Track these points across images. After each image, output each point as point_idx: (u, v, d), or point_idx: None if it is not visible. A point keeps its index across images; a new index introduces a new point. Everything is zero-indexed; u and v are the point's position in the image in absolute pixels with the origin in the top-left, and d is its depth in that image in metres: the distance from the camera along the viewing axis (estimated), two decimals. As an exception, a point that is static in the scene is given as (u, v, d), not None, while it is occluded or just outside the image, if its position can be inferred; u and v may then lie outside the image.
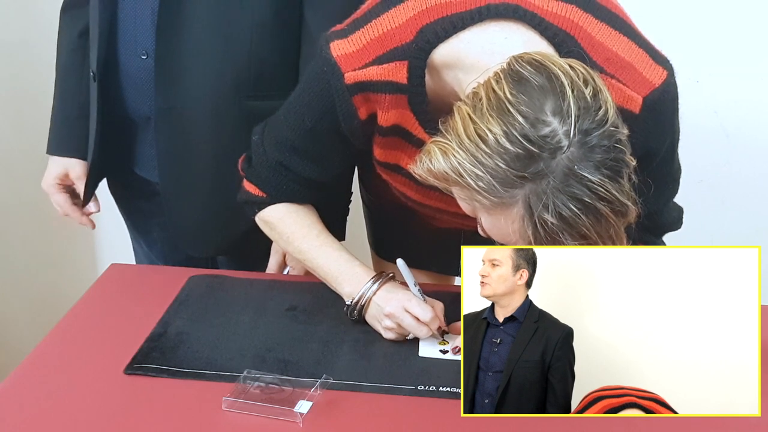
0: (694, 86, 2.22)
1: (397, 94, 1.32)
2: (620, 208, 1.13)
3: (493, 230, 1.20)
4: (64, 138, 1.81)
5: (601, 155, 1.10)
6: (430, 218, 1.60)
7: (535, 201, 1.11)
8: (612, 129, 1.12)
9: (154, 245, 1.93)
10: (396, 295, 1.40)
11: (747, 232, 2.40)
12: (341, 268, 1.46)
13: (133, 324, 1.45)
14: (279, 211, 1.51)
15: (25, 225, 2.68)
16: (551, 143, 1.09)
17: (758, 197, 2.44)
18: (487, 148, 1.11)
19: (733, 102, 2.34)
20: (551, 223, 1.11)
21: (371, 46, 1.32)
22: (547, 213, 1.11)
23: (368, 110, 1.35)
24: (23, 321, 2.73)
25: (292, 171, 1.46)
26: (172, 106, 1.64)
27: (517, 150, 1.10)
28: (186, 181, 1.71)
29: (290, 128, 1.44)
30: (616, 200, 1.12)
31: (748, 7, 2.27)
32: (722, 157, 2.40)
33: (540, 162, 1.10)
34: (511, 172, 1.10)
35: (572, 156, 1.10)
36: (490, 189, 1.12)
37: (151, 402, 1.27)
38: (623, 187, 1.13)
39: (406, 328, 1.39)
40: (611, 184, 1.11)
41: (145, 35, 1.63)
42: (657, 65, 1.30)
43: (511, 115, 1.10)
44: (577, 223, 1.11)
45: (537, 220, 1.12)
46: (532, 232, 1.13)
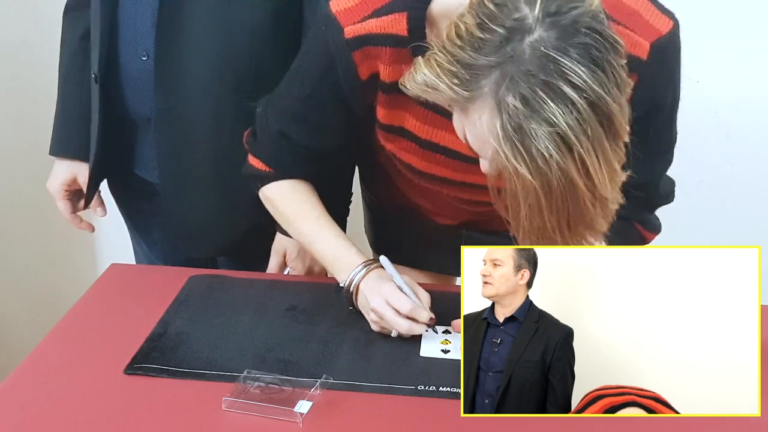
0: (694, 86, 2.22)
1: (398, 48, 1.31)
2: (596, 103, 1.06)
3: (474, 140, 1.16)
4: (66, 139, 1.82)
5: (578, 41, 1.06)
6: (433, 209, 1.59)
7: (499, 85, 1.07)
8: (591, 18, 1.07)
9: (154, 246, 1.93)
10: (381, 287, 1.39)
11: (747, 232, 2.40)
12: (338, 253, 1.46)
13: (133, 324, 1.45)
14: (281, 189, 1.51)
15: (25, 225, 2.68)
16: (521, 26, 1.07)
17: (758, 197, 2.44)
18: (460, 41, 1.10)
19: (733, 102, 2.35)
20: (514, 108, 1.06)
21: (370, 0, 1.31)
22: (509, 95, 1.06)
23: (369, 69, 1.35)
24: (23, 321, 2.73)
25: (292, 141, 1.46)
26: (172, 107, 1.64)
27: (487, 36, 1.08)
28: (186, 181, 1.71)
29: (291, 96, 1.44)
30: (590, 90, 1.05)
31: (748, 7, 2.27)
32: (722, 157, 2.40)
33: (509, 46, 1.07)
34: (481, 60, 1.08)
35: (541, 38, 1.06)
36: (460, 82, 1.10)
37: (151, 402, 1.27)
38: (604, 80, 1.06)
39: (388, 322, 1.38)
40: (586, 72, 1.05)
41: (145, 36, 1.63)
42: (663, 14, 1.29)
43: (483, 5, 1.10)
44: (543, 108, 1.05)
45: (501, 106, 1.07)
46: (499, 123, 1.08)
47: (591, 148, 1.07)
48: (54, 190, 1.83)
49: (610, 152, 1.08)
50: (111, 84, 1.69)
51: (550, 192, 1.09)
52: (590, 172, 1.08)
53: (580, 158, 1.07)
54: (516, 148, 1.07)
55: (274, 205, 1.53)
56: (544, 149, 1.06)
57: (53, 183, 1.83)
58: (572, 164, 1.07)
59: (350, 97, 1.38)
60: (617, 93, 1.08)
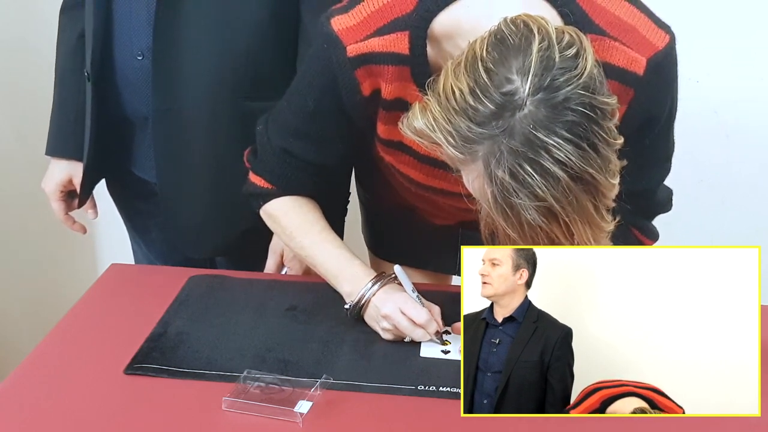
0: (694, 86, 2.23)
1: (399, 66, 1.32)
2: (581, 176, 1.09)
3: (470, 187, 1.19)
4: (63, 140, 1.81)
5: (567, 118, 1.08)
6: (430, 211, 1.59)
7: (490, 158, 1.10)
8: (583, 91, 1.09)
9: (152, 245, 1.93)
10: (393, 296, 1.40)
11: (747, 232, 2.40)
12: (341, 266, 1.46)
13: (133, 324, 1.45)
14: (283, 205, 1.51)
15: (25, 225, 2.68)
16: (512, 101, 1.09)
17: (758, 197, 2.44)
18: (455, 104, 1.12)
19: (733, 102, 2.34)
20: (503, 181, 1.10)
21: (372, 19, 1.32)
22: (499, 169, 1.10)
23: (371, 86, 1.35)
24: (23, 321, 2.73)
25: (295, 157, 1.46)
26: (169, 107, 1.64)
27: (479, 106, 1.10)
28: (184, 181, 1.71)
29: (292, 112, 1.45)
30: (576, 166, 1.08)
31: (748, 7, 2.27)
32: (722, 157, 2.40)
33: (500, 120, 1.09)
34: (472, 129, 1.10)
35: (532, 115, 1.08)
36: (456, 145, 1.12)
37: (151, 402, 1.27)
38: (590, 155, 1.09)
39: (402, 330, 1.39)
40: (572, 149, 1.08)
41: (140, 36, 1.63)
42: (659, 29, 1.30)
43: (478, 72, 1.11)
44: (530, 183, 1.09)
45: (492, 176, 1.11)
46: (491, 191, 1.12)
47: (575, 215, 1.12)
48: (49, 191, 1.83)
49: (594, 214, 1.13)
50: (106, 83, 1.68)
51: (538, 243, 1.15)
52: (573, 232, 1.13)
53: (565, 223, 1.12)
54: (506, 216, 1.13)
55: (275, 221, 1.52)
56: (532, 219, 1.11)
57: (49, 183, 1.82)
58: (557, 228, 1.13)
59: (352, 111, 1.39)
60: (603, 163, 1.11)
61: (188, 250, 1.79)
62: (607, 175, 1.12)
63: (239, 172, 1.55)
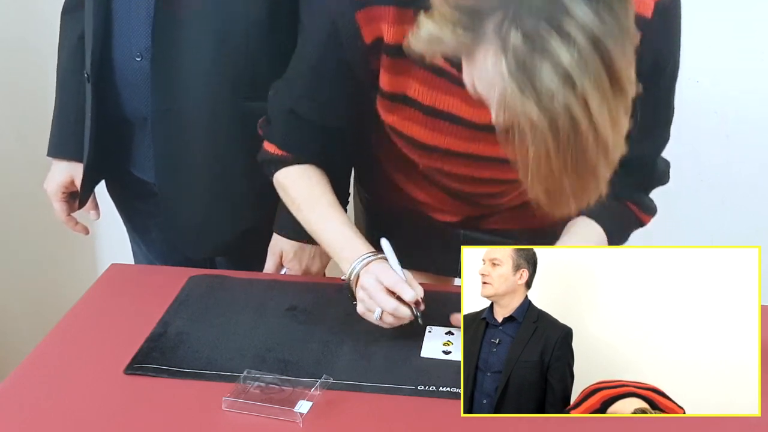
0: (694, 86, 2.23)
1: (402, 8, 1.31)
2: (599, 42, 1.06)
3: (481, 84, 1.16)
4: (64, 141, 1.81)
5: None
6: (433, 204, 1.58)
7: (502, 24, 1.08)
8: None
9: (152, 245, 1.93)
10: (376, 269, 1.39)
11: (747, 232, 2.40)
12: (343, 244, 1.46)
13: (133, 324, 1.45)
14: (293, 174, 1.52)
15: (25, 225, 2.68)
16: None
17: (758, 197, 2.44)
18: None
19: (733, 102, 2.35)
20: (517, 45, 1.07)
21: None
22: (512, 33, 1.07)
23: (373, 33, 1.35)
24: (23, 321, 2.73)
25: (301, 117, 1.47)
26: (168, 108, 1.64)
27: None
28: (183, 181, 1.71)
29: (297, 72, 1.46)
30: (593, 28, 1.05)
31: (748, 7, 2.27)
32: (722, 157, 2.40)
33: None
34: (484, 2, 1.09)
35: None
36: (465, 27, 1.11)
37: (151, 402, 1.27)
38: (607, 20, 1.06)
39: (373, 298, 1.36)
40: (590, 11, 1.05)
41: (139, 37, 1.63)
42: None
43: None
44: (545, 44, 1.05)
45: (505, 44, 1.08)
46: (505, 62, 1.09)
47: (593, 87, 1.07)
48: (51, 192, 1.83)
49: (611, 96, 1.09)
50: (105, 84, 1.68)
51: (556, 130, 1.09)
52: (592, 112, 1.08)
53: (582, 96, 1.07)
54: (521, 84, 1.08)
55: (285, 190, 1.53)
56: (548, 84, 1.07)
57: (51, 184, 1.83)
58: (575, 101, 1.07)
59: (354, 63, 1.39)
60: (620, 36, 1.08)
61: (188, 250, 1.79)
62: (625, 55, 1.08)
63: (239, 172, 1.55)
